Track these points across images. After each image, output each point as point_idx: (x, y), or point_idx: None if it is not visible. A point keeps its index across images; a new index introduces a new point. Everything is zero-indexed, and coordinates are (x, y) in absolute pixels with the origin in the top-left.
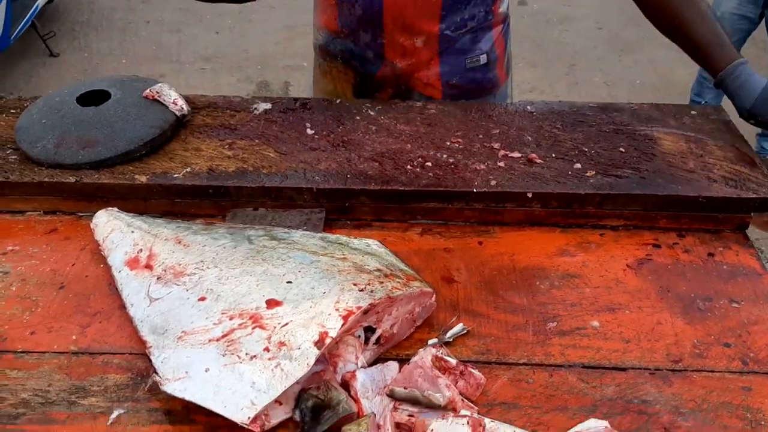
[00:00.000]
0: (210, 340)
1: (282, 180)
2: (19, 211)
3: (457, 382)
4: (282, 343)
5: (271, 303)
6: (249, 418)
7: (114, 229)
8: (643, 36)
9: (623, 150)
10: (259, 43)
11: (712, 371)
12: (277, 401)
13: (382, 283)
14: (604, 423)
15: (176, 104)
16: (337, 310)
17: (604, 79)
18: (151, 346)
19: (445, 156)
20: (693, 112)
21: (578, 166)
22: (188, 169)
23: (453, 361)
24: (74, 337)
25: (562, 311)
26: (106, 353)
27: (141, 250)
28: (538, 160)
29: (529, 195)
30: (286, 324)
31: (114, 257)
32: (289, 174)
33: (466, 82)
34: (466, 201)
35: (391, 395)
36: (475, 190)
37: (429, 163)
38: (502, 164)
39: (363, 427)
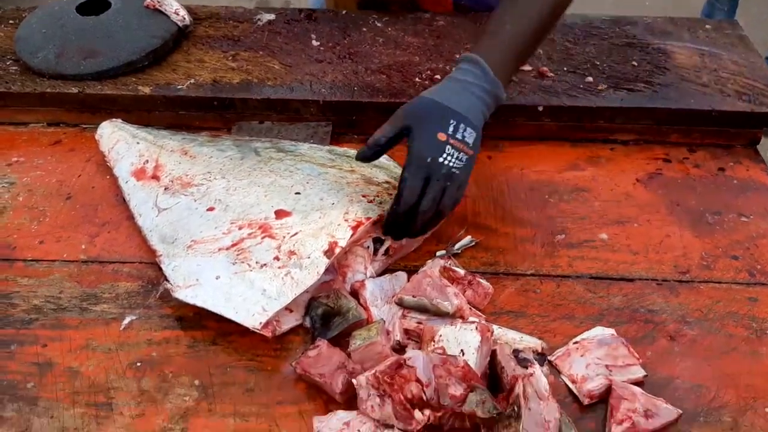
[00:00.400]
0: (220, 249)
1: (288, 92)
2: (22, 122)
3: (465, 292)
4: (292, 252)
5: (280, 213)
6: (260, 323)
7: (119, 140)
8: None
9: (636, 64)
10: None
11: (719, 282)
12: (288, 308)
13: (390, 194)
14: (611, 330)
15: (178, 14)
16: (346, 220)
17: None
18: (161, 255)
19: (449, 67)
20: (708, 26)
21: (590, 79)
22: (192, 81)
23: (461, 272)
24: (83, 246)
25: (570, 224)
26: (115, 262)
27: (147, 161)
28: (550, 74)
29: (540, 108)
30: (296, 234)
31: (120, 168)
32: (294, 86)
33: (476, 2)
34: None
35: (400, 303)
36: None
37: (438, 76)
38: (513, 77)
39: (373, 332)
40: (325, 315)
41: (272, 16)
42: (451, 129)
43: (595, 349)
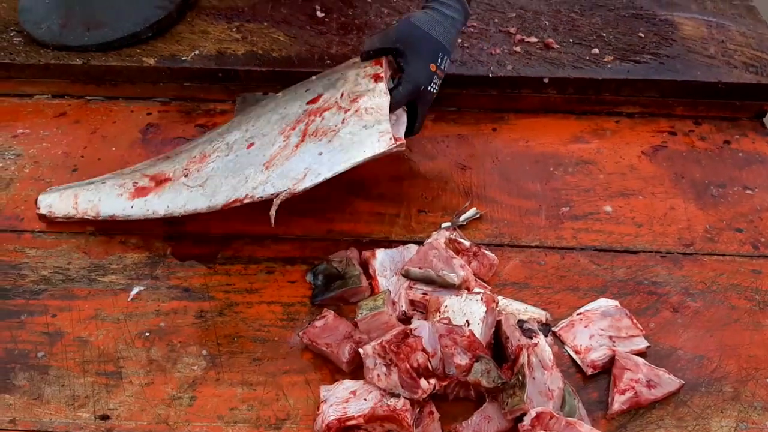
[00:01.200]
0: (297, 146)
1: (292, 64)
2: (26, 94)
3: (470, 263)
4: (353, 101)
5: (313, 101)
6: (391, 139)
7: (77, 194)
8: None
9: (642, 35)
10: None
11: (723, 255)
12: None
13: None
14: (614, 302)
15: None
16: (366, 74)
17: None
18: (247, 195)
19: (459, 40)
20: None
21: (596, 51)
22: (196, 52)
23: (466, 243)
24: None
25: (575, 196)
26: (122, 233)
27: (135, 182)
28: (555, 45)
29: (546, 80)
30: (341, 95)
31: (108, 206)
32: (299, 58)
33: None
34: (480, 86)
35: (407, 275)
36: (490, 75)
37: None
38: (518, 49)
39: (379, 302)
40: (329, 276)
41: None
42: (439, 61)
43: (598, 320)
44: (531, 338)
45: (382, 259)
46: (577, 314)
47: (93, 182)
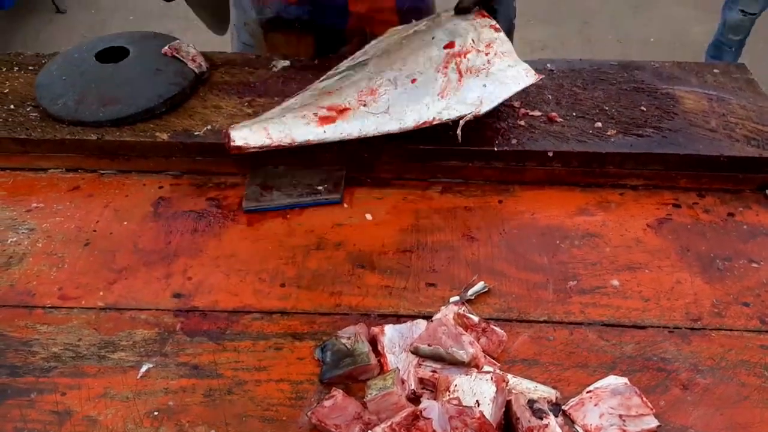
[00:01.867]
0: (459, 80)
1: None
2: (41, 168)
3: (479, 339)
4: (487, 45)
5: (449, 45)
6: (535, 74)
7: (267, 126)
8: None
9: (644, 109)
10: None
11: (731, 330)
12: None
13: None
14: (624, 379)
15: (195, 61)
16: (483, 26)
17: (618, 37)
18: (435, 117)
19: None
20: (716, 71)
21: (599, 125)
22: (209, 127)
23: (475, 319)
24: (101, 293)
25: (582, 270)
26: (133, 309)
27: (315, 113)
28: (559, 119)
29: (550, 154)
30: (473, 41)
31: (301, 132)
32: None
33: (414, 6)
34: (486, 160)
35: (416, 352)
36: (495, 149)
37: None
38: (522, 123)
39: (389, 382)
40: (337, 353)
41: (287, 63)
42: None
43: (608, 399)
44: (541, 419)
45: (390, 335)
46: (587, 392)
47: (272, 118)
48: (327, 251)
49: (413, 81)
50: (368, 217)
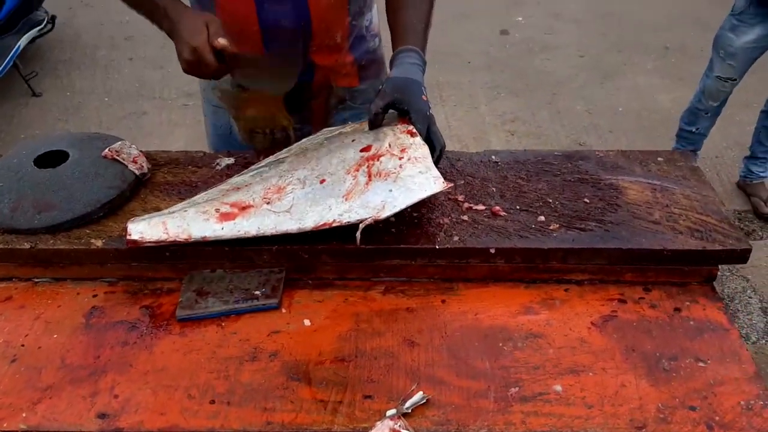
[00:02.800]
0: (367, 183)
1: (240, 240)
2: None
3: None
4: (402, 150)
5: (365, 149)
6: (444, 182)
7: (165, 221)
8: (625, 63)
9: (587, 201)
10: None
11: None
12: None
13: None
14: None
15: (136, 162)
16: (402, 131)
17: (587, 107)
18: (334, 219)
19: (408, 209)
20: (660, 159)
21: (542, 218)
22: None
23: None
24: (24, 415)
25: (524, 375)
26: None
27: (217, 209)
28: (502, 213)
29: (492, 251)
30: (389, 145)
31: (198, 229)
32: (248, 234)
33: (370, 60)
34: (429, 258)
35: None
36: (437, 247)
37: (392, 218)
38: (465, 218)
39: None
40: None
41: (231, 160)
42: (424, 92)
43: None
44: None
45: None
46: None
47: (174, 211)
48: (261, 362)
49: (322, 181)
50: (306, 322)
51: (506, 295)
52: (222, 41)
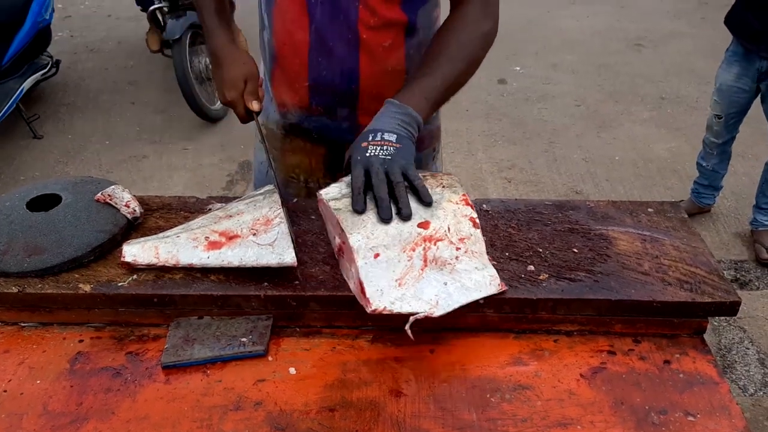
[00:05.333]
0: (422, 269)
1: (228, 288)
2: None
3: None
4: (461, 240)
5: (423, 225)
6: (500, 284)
7: (157, 246)
8: (621, 112)
9: (577, 251)
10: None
11: None
12: None
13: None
14: None
15: (128, 207)
16: (464, 215)
17: (583, 156)
18: (385, 307)
19: None
20: (650, 209)
21: (531, 268)
22: (134, 277)
23: None
24: None
25: (512, 428)
26: None
27: (206, 236)
28: (492, 262)
29: (481, 301)
30: (448, 228)
31: (186, 256)
32: (236, 280)
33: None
34: None
35: None
36: None
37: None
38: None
39: None
40: None
41: (223, 205)
42: (370, 137)
43: None
44: None
45: None
46: None
47: (168, 236)
48: (245, 411)
49: (376, 256)
50: (292, 371)
51: (495, 346)
52: (255, 105)
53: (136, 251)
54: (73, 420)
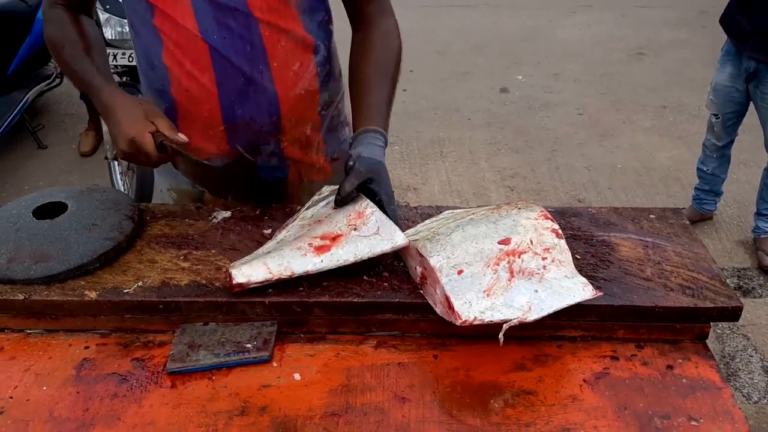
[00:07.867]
0: (509, 280)
1: (234, 294)
2: None
3: None
4: (545, 250)
5: (504, 241)
6: (594, 290)
7: (265, 263)
8: (623, 121)
9: (579, 257)
10: None
11: None
12: None
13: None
14: None
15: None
16: (545, 228)
17: (586, 164)
18: (476, 317)
19: (401, 264)
20: (652, 216)
21: None
22: (140, 284)
23: None
24: None
25: None
26: None
27: (309, 243)
28: None
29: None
30: (531, 241)
31: (297, 264)
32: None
33: (343, 152)
34: (421, 312)
35: None
36: (429, 301)
37: (386, 273)
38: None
39: None
40: None
41: (228, 214)
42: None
43: None
44: None
45: None
46: None
47: (270, 252)
48: (251, 417)
49: (459, 272)
50: (297, 377)
51: (499, 351)
52: (181, 136)
53: (246, 271)
54: (79, 426)
